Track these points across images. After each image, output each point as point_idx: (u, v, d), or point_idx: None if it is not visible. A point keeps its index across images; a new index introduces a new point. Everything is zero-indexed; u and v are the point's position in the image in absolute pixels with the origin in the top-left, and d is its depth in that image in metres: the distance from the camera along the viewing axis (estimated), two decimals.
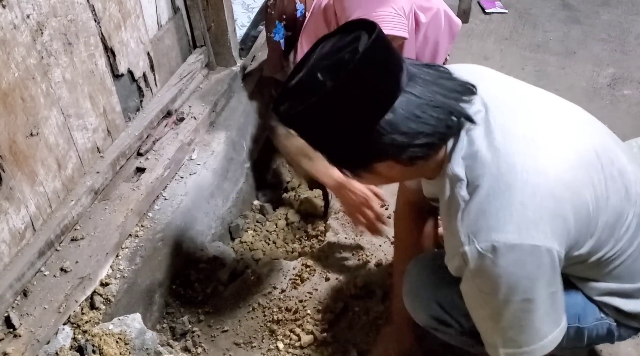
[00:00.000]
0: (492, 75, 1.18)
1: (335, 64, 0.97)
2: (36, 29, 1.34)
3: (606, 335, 1.24)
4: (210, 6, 2.04)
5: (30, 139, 1.39)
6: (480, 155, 1.01)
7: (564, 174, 1.00)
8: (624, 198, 1.07)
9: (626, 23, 3.08)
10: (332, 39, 1.03)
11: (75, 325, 1.43)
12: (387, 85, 0.97)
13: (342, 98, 0.94)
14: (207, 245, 1.87)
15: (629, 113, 2.52)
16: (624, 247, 1.10)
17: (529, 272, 0.99)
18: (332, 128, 0.98)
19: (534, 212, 0.97)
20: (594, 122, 1.17)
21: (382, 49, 0.97)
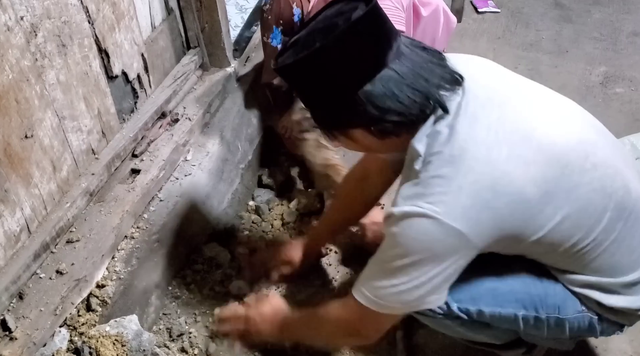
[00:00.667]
0: (487, 66, 1.21)
1: (328, 27, 1.03)
2: (30, 31, 1.34)
3: (588, 328, 1.25)
4: (203, 7, 2.04)
5: (25, 141, 1.38)
6: (440, 135, 1.05)
7: (513, 170, 1.03)
8: (597, 190, 1.09)
9: (617, 22, 3.10)
10: (337, 5, 1.09)
11: (71, 327, 1.43)
12: (371, 57, 1.02)
13: (325, 60, 1.01)
14: (203, 246, 1.87)
15: (621, 111, 2.53)
16: (599, 239, 1.11)
17: (434, 249, 1.05)
18: (315, 85, 1.06)
19: (467, 198, 1.01)
20: (578, 116, 1.18)
21: (374, 22, 1.02)
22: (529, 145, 1.05)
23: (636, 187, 1.15)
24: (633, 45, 2.92)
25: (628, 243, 1.14)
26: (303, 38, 1.07)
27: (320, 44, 1.00)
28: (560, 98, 1.21)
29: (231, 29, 2.27)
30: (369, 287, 1.16)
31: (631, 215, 1.13)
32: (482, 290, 1.22)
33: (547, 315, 1.22)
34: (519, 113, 1.09)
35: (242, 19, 2.52)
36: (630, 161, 1.23)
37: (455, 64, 1.12)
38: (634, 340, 1.67)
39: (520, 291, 1.23)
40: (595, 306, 1.21)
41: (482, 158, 1.02)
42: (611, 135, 1.23)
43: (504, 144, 1.04)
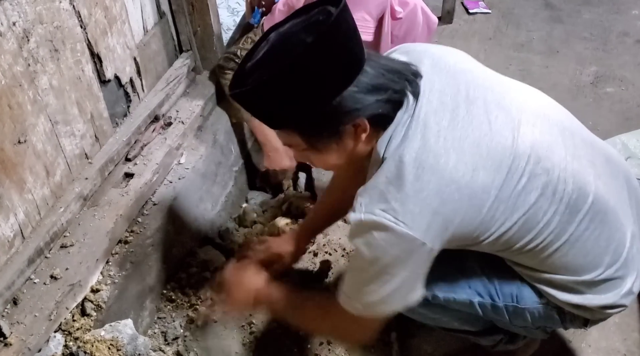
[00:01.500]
0: (445, 61, 1.18)
1: (310, 24, 1.01)
2: (22, 36, 1.34)
3: (550, 319, 1.29)
4: (195, 10, 2.04)
5: (18, 147, 1.38)
6: (394, 141, 1.07)
7: (461, 177, 1.04)
8: (546, 195, 1.10)
9: (607, 22, 3.13)
10: (287, 22, 1.07)
11: (66, 332, 1.42)
12: (358, 46, 1.03)
13: (324, 51, 0.98)
14: (197, 249, 1.87)
15: (612, 110, 2.55)
16: (549, 240, 1.13)
17: (394, 254, 1.06)
18: (313, 85, 1.01)
19: (415, 206, 1.03)
20: (542, 115, 1.16)
21: (350, 17, 1.03)
22: (478, 152, 1.06)
23: (597, 190, 1.14)
24: (623, 45, 2.95)
25: (581, 244, 1.15)
26: (275, 50, 1.04)
27: (313, 37, 0.97)
28: (526, 95, 1.20)
29: (223, 32, 2.27)
30: (352, 295, 1.18)
31: (585, 218, 1.13)
32: (436, 277, 1.24)
33: (505, 303, 1.27)
34: (473, 117, 1.08)
35: (235, 21, 2.52)
36: (604, 161, 1.22)
37: (413, 60, 1.14)
38: (627, 338, 1.68)
39: (474, 279, 1.28)
40: (554, 299, 1.23)
41: (429, 167, 1.04)
42: (581, 132, 1.22)
43: (453, 151, 1.05)
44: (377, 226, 1.05)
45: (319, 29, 0.98)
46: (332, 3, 1.04)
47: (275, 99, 1.04)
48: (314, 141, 1.11)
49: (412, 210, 1.03)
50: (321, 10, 1.04)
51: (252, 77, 1.04)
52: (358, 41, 1.04)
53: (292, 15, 1.09)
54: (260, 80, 1.01)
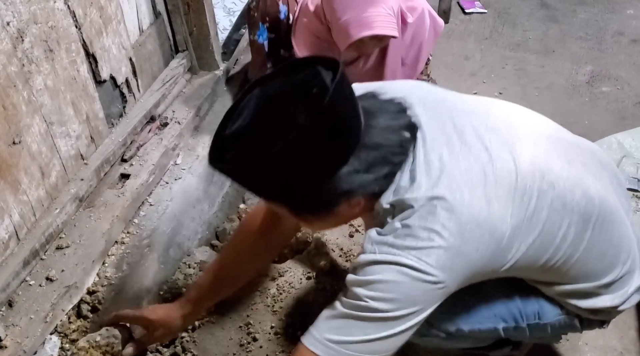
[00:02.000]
0: (426, 96, 1.12)
1: (303, 98, 0.91)
2: (17, 36, 1.33)
3: (570, 327, 1.27)
4: (191, 10, 2.03)
5: (13, 148, 1.37)
6: (402, 184, 1.01)
7: (478, 214, 0.99)
8: (557, 209, 1.06)
9: (603, 21, 3.13)
10: (275, 78, 0.98)
11: (62, 334, 1.42)
12: (356, 119, 0.96)
13: (318, 135, 0.89)
14: (194, 250, 1.87)
15: (607, 110, 2.56)
16: (569, 253, 1.10)
17: (410, 294, 0.99)
18: (305, 169, 0.93)
19: (439, 245, 0.97)
20: (530, 128, 1.12)
21: (346, 83, 0.95)
22: (487, 182, 1.01)
23: (598, 190, 1.12)
24: (618, 45, 2.96)
25: (598, 248, 1.13)
26: (263, 123, 0.94)
27: (309, 118, 0.88)
28: (506, 111, 1.16)
29: (219, 32, 2.27)
30: (333, 340, 1.04)
31: (597, 222, 1.11)
32: (459, 310, 1.21)
33: (528, 323, 1.23)
34: (469, 146, 1.04)
35: (230, 21, 2.51)
36: (592, 158, 1.19)
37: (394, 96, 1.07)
38: (623, 336, 1.69)
39: (497, 305, 1.23)
40: (574, 308, 1.22)
41: (445, 205, 0.98)
42: (564, 135, 1.19)
43: (464, 186, 1.00)
44: (396, 265, 0.98)
45: (314, 108, 0.88)
46: (324, 63, 0.95)
47: (256, 182, 0.98)
48: (303, 215, 1.06)
49: (435, 249, 0.97)
50: (313, 76, 0.94)
51: (232, 153, 0.94)
52: (355, 112, 0.96)
53: (281, 70, 1.00)
54: (241, 164, 0.93)
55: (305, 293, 1.76)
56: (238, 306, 1.74)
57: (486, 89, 2.67)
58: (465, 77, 2.75)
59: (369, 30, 1.79)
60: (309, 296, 1.75)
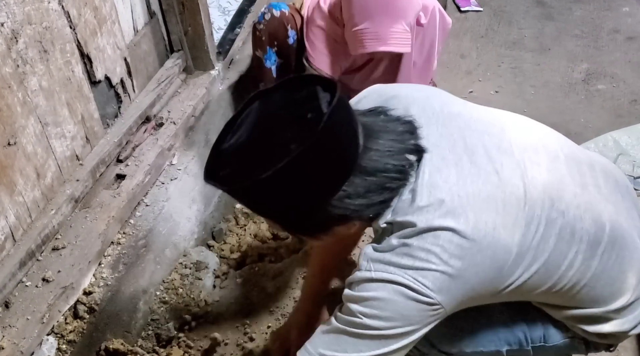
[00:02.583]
0: (431, 105, 1.09)
1: (297, 123, 0.90)
2: (11, 37, 1.33)
3: (575, 350, 1.25)
4: (186, 10, 2.03)
5: (8, 149, 1.37)
6: (403, 202, 0.99)
7: (482, 239, 0.96)
8: (565, 238, 1.03)
9: (598, 19, 3.14)
10: (275, 94, 0.97)
11: (59, 335, 1.42)
12: (351, 145, 0.93)
13: (309, 163, 0.88)
14: (190, 250, 1.87)
15: (603, 107, 2.56)
16: (574, 280, 1.07)
17: (405, 314, 0.98)
18: (296, 195, 0.92)
19: (437, 267, 0.95)
20: (542, 150, 1.08)
21: (344, 106, 0.93)
22: (495, 208, 0.98)
23: (610, 215, 1.09)
24: (614, 42, 2.96)
25: (607, 274, 1.10)
26: (258, 143, 0.93)
27: (301, 145, 0.86)
28: (520, 129, 1.12)
29: (214, 32, 2.26)
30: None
31: (606, 249, 1.08)
32: (463, 332, 1.20)
33: (533, 346, 1.22)
34: (479, 168, 1.00)
35: (225, 21, 2.50)
36: (606, 179, 1.15)
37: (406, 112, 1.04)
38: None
39: (502, 329, 1.21)
40: (581, 332, 1.19)
41: (448, 228, 0.96)
42: (579, 154, 1.15)
43: (470, 210, 0.96)
44: (392, 284, 0.96)
45: (306, 136, 0.87)
46: (324, 84, 0.93)
47: (249, 202, 0.99)
48: (296, 234, 1.06)
49: (433, 271, 0.95)
50: (310, 97, 0.92)
51: (226, 172, 0.94)
52: (352, 136, 0.94)
53: (282, 85, 0.98)
54: (232, 184, 0.93)
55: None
56: (235, 306, 1.75)
57: (482, 87, 2.67)
58: (461, 76, 2.75)
59: (384, 46, 1.78)
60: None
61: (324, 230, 1.02)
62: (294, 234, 1.08)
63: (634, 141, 2.22)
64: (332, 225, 1.00)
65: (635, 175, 2.11)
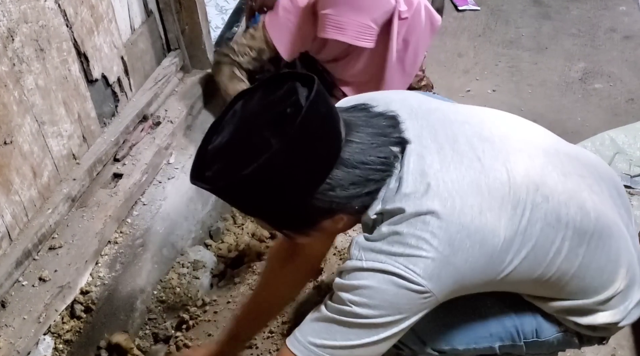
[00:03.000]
0: (409, 103, 1.10)
1: (277, 118, 0.91)
2: (7, 36, 1.32)
3: (568, 344, 1.25)
4: (183, 9, 2.02)
5: (4, 148, 1.36)
6: (390, 190, 1.00)
7: (469, 223, 0.97)
8: (551, 223, 1.03)
9: (595, 18, 3.14)
10: (256, 93, 0.98)
11: (56, 335, 1.41)
12: (333, 137, 0.94)
13: (290, 157, 0.89)
14: (187, 249, 1.86)
15: (600, 106, 2.56)
16: (563, 268, 1.07)
17: (403, 305, 0.98)
18: (280, 190, 0.93)
19: (427, 254, 0.96)
20: (524, 140, 1.10)
21: (323, 100, 0.93)
22: (480, 192, 0.99)
23: (595, 204, 1.09)
24: (611, 41, 2.96)
25: (596, 264, 1.10)
26: (240, 141, 0.94)
27: (280, 140, 0.88)
28: (500, 121, 1.14)
29: (212, 30, 2.26)
30: (316, 344, 1.03)
31: (593, 237, 1.08)
32: (454, 329, 1.20)
33: (525, 341, 1.21)
34: (461, 156, 1.01)
35: (223, 20, 2.50)
36: (590, 170, 1.15)
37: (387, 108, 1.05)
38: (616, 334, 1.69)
39: (494, 324, 1.21)
40: (573, 325, 1.19)
41: (436, 213, 0.96)
42: (562, 146, 1.16)
43: (456, 194, 0.97)
44: (382, 273, 0.96)
45: (285, 130, 0.88)
46: (302, 80, 0.94)
47: (235, 200, 1.00)
48: (284, 231, 1.06)
49: (424, 258, 0.95)
50: (289, 94, 0.93)
51: (211, 171, 0.95)
52: (332, 129, 0.94)
53: (262, 84, 0.99)
54: (217, 183, 0.94)
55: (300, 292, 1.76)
56: (232, 305, 1.74)
57: (479, 86, 2.67)
58: (458, 74, 2.76)
59: (340, 35, 1.82)
60: (303, 295, 1.75)
61: (311, 225, 1.02)
62: (283, 232, 1.08)
63: (631, 140, 2.22)
64: (318, 219, 1.00)
65: (632, 174, 2.11)
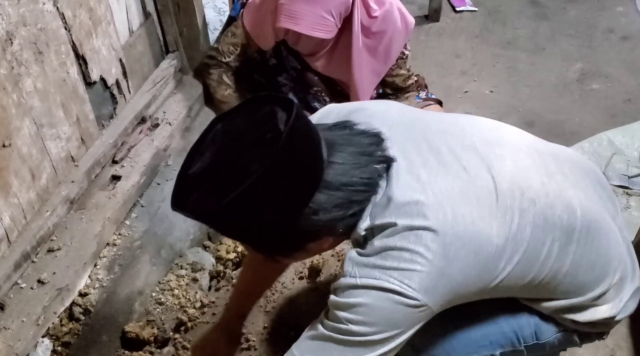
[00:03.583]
0: (390, 115, 1.11)
1: (257, 144, 0.90)
2: (5, 39, 1.32)
3: (569, 343, 1.25)
4: (181, 11, 2.03)
5: (3, 150, 1.37)
6: (378, 205, 0.99)
7: (463, 233, 0.97)
8: (540, 226, 1.04)
9: (592, 18, 3.14)
10: (236, 116, 0.97)
11: (54, 337, 1.42)
12: (314, 161, 0.93)
13: (271, 183, 0.88)
14: (186, 251, 1.86)
15: (598, 107, 2.57)
16: (555, 268, 1.08)
17: (400, 320, 0.98)
18: (262, 216, 0.92)
19: (422, 267, 0.95)
20: (506, 144, 1.10)
21: (302, 124, 0.93)
22: (469, 201, 0.99)
23: (580, 201, 1.10)
24: (608, 42, 2.97)
25: (587, 260, 1.10)
26: (220, 167, 0.92)
27: (262, 166, 0.87)
28: (480, 127, 1.15)
29: (210, 32, 2.26)
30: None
31: (582, 234, 1.09)
32: (454, 341, 1.19)
33: (526, 345, 1.21)
34: (447, 167, 1.02)
35: (221, 21, 2.50)
36: (571, 167, 1.16)
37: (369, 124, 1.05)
38: (614, 333, 1.69)
39: (493, 332, 1.21)
40: (572, 324, 1.19)
41: (428, 225, 0.96)
42: (542, 146, 1.17)
43: (447, 204, 0.97)
44: (377, 290, 0.95)
45: (265, 156, 0.87)
46: (281, 103, 0.94)
47: (217, 227, 0.99)
48: (272, 254, 1.06)
49: (419, 272, 0.95)
50: (269, 117, 0.92)
51: (192, 198, 0.93)
52: (314, 151, 0.94)
53: (242, 106, 0.98)
54: (197, 211, 0.92)
55: (298, 293, 1.76)
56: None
57: (477, 87, 2.68)
58: (456, 75, 2.76)
59: (293, 25, 1.84)
60: (302, 297, 1.75)
61: (296, 249, 1.02)
62: (268, 256, 1.08)
63: (629, 140, 2.22)
64: (303, 243, 1.00)
65: (630, 175, 2.11)
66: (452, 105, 2.51)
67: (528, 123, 2.45)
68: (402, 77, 2.18)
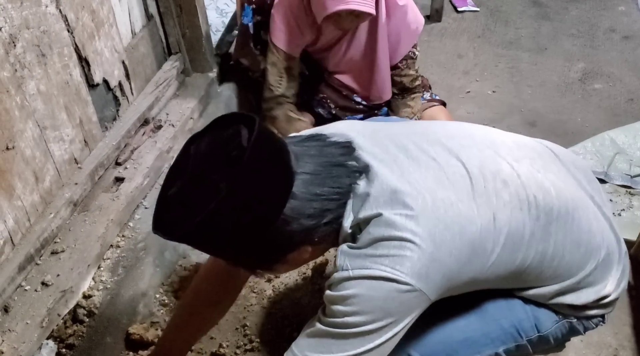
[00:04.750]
0: (355, 128, 1.15)
1: (223, 162, 0.93)
2: (9, 42, 1.33)
3: (571, 332, 1.25)
4: (184, 12, 2.03)
5: (6, 153, 1.37)
6: (360, 199, 1.01)
7: (444, 215, 0.99)
8: (517, 207, 1.06)
9: (594, 18, 3.14)
10: (205, 137, 0.99)
11: (58, 339, 1.42)
12: (282, 173, 0.96)
13: (240, 198, 0.91)
14: (189, 252, 1.87)
15: (600, 106, 2.57)
16: (541, 249, 1.09)
17: (396, 308, 0.99)
18: (236, 232, 0.94)
19: (412, 253, 0.97)
20: (470, 136, 1.14)
21: (266, 138, 0.95)
22: (444, 186, 1.02)
23: (552, 182, 1.12)
24: (610, 41, 2.97)
25: (570, 239, 1.12)
26: (191, 187, 0.94)
27: (228, 184, 0.89)
28: (444, 126, 1.20)
29: (212, 34, 2.26)
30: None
31: (560, 213, 1.10)
32: (455, 343, 1.19)
33: (528, 338, 1.22)
34: (417, 160, 1.06)
35: (223, 23, 2.51)
36: (540, 152, 1.19)
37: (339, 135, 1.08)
38: (618, 333, 1.70)
39: (493, 330, 1.21)
40: (569, 310, 1.20)
41: (411, 212, 0.98)
42: (506, 137, 1.20)
43: (425, 191, 1.00)
44: (369, 279, 0.97)
45: (231, 173, 0.90)
46: (246, 121, 0.96)
47: (197, 246, 1.01)
48: (252, 268, 1.07)
49: (409, 257, 0.97)
50: (234, 136, 0.94)
51: (167, 220, 0.95)
52: (281, 165, 0.96)
53: (211, 126, 1.00)
54: (173, 235, 0.94)
55: (301, 294, 1.77)
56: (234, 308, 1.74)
57: (479, 87, 2.68)
58: (458, 76, 2.76)
59: (344, 4, 1.81)
60: (305, 297, 1.76)
61: (275, 261, 1.03)
62: (250, 271, 1.09)
63: (631, 140, 2.22)
64: (281, 254, 1.02)
65: (633, 174, 2.11)
66: (454, 105, 2.51)
67: (530, 123, 2.45)
68: (411, 77, 2.18)
